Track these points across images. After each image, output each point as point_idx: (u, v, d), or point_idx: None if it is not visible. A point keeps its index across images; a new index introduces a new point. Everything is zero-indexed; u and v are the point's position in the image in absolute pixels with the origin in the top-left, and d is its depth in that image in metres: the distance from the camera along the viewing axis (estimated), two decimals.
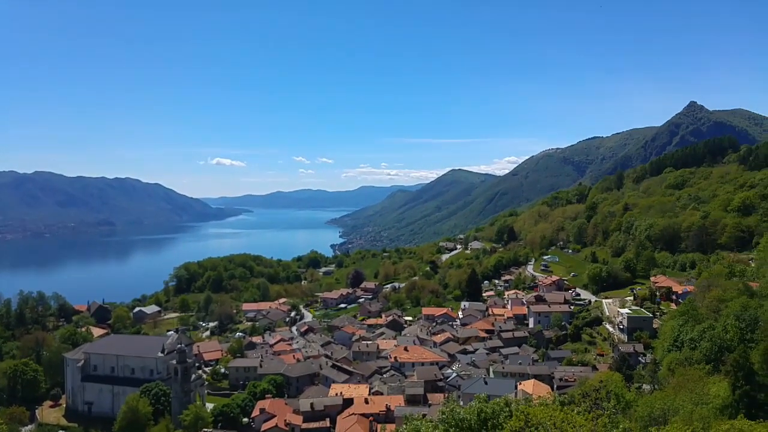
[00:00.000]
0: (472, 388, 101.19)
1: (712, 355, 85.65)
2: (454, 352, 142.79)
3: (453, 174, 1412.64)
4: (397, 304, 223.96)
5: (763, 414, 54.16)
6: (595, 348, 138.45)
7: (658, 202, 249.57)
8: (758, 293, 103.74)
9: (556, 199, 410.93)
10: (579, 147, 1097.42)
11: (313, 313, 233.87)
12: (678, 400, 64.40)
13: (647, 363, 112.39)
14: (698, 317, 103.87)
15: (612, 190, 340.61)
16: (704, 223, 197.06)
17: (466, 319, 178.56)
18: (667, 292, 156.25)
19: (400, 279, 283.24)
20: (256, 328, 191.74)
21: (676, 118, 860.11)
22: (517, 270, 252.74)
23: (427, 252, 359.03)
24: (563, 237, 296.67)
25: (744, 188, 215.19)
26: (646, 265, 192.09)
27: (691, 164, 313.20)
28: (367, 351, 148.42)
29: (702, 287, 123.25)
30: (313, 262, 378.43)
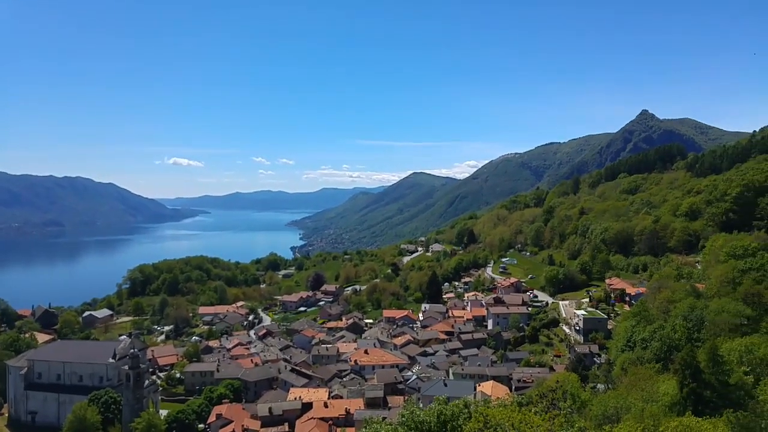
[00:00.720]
0: (431, 390, 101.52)
1: (661, 354, 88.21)
2: (415, 355, 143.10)
3: (415, 177, 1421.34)
4: (358, 306, 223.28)
5: (709, 411, 55.88)
6: (552, 349, 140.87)
7: (612, 206, 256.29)
8: (704, 294, 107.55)
9: (515, 203, 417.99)
10: (537, 152, 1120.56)
11: (272, 316, 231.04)
12: (630, 398, 65.93)
13: (602, 363, 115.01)
14: (649, 318, 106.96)
15: (568, 195, 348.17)
16: (655, 227, 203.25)
17: (426, 321, 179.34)
18: (621, 294, 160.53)
19: (362, 281, 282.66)
20: (213, 332, 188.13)
21: (630, 126, 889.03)
22: (476, 272, 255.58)
23: (389, 254, 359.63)
24: (521, 240, 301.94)
25: (691, 194, 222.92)
26: (601, 268, 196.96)
27: (644, 170, 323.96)
28: (327, 354, 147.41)
29: (653, 289, 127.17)
30: (272, 264, 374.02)
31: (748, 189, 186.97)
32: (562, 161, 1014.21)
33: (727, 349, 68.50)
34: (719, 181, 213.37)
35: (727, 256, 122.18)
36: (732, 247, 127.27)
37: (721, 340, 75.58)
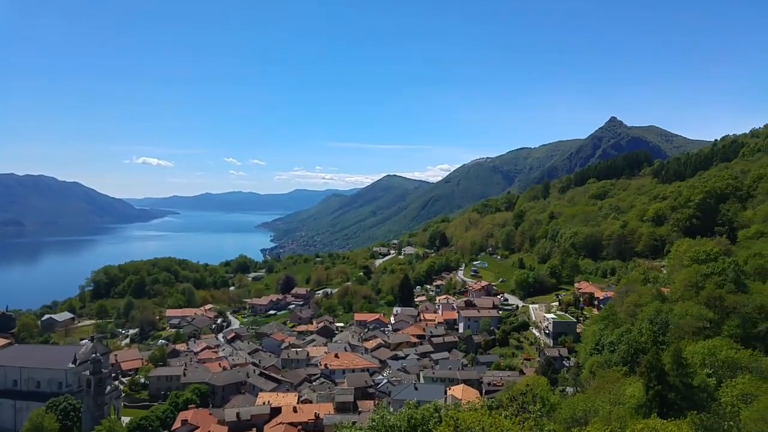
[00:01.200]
0: (402, 394, 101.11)
1: (628, 357, 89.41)
2: (386, 358, 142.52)
3: (388, 180, 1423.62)
4: (329, 310, 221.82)
5: (674, 412, 56.69)
6: (522, 352, 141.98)
7: (581, 211, 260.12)
8: (669, 298, 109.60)
9: (486, 207, 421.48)
10: (508, 157, 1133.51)
11: (241, 319, 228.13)
12: (598, 401, 66.61)
13: (571, 366, 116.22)
14: (617, 321, 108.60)
15: (539, 199, 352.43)
16: (623, 232, 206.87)
17: (398, 325, 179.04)
18: (590, 298, 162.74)
19: (333, 284, 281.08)
20: (180, 335, 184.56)
21: (599, 132, 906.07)
22: (448, 275, 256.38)
23: (361, 257, 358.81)
24: (492, 243, 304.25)
25: (657, 200, 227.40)
26: (571, 272, 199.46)
27: (612, 176, 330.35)
28: (297, 358, 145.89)
29: (621, 293, 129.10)
30: (242, 266, 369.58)
31: (710, 196, 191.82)
32: (533, 166, 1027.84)
33: (690, 352, 69.72)
34: (683, 187, 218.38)
35: (691, 261, 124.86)
36: (695, 252, 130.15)
37: (685, 343, 76.95)
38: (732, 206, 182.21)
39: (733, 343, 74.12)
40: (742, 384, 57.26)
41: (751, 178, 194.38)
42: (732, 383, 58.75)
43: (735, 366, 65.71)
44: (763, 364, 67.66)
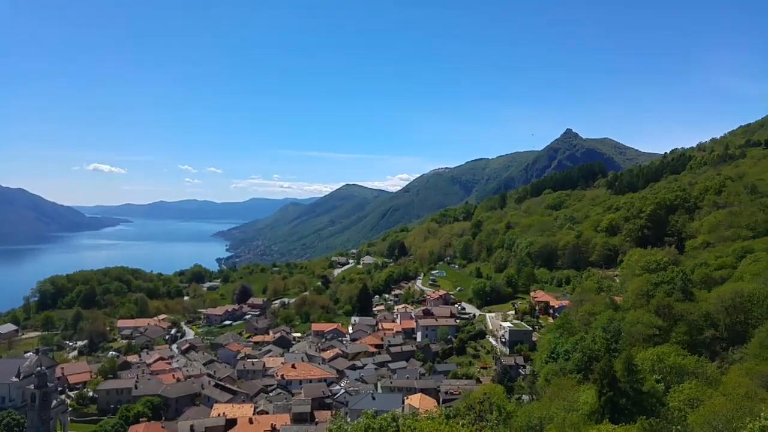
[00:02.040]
0: (360, 404, 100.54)
1: (582, 365, 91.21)
2: (343, 368, 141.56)
3: (347, 189, 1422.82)
4: (286, 320, 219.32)
5: (624, 418, 58.02)
6: (479, 361, 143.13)
7: (537, 221, 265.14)
8: (621, 306, 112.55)
9: (445, 217, 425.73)
10: (466, 167, 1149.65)
11: (196, 330, 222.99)
12: (553, 408, 67.57)
13: (527, 375, 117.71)
14: (572, 330, 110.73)
15: (496, 209, 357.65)
16: (578, 241, 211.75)
17: (356, 334, 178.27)
18: (545, 307, 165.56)
19: (290, 294, 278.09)
20: (132, 347, 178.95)
21: (555, 144, 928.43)
22: (407, 284, 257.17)
23: (319, 267, 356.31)
24: (451, 253, 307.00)
25: (611, 210, 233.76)
26: (527, 281, 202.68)
27: (567, 187, 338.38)
28: (253, 369, 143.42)
29: (575, 302, 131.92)
30: (196, 276, 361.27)
31: (661, 207, 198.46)
32: (490, 177, 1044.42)
33: (641, 359, 71.56)
34: (636, 198, 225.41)
35: (642, 271, 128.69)
36: (646, 261, 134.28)
37: (636, 350, 78.98)
38: (680, 217, 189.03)
39: (680, 349, 76.47)
40: (688, 389, 59.03)
41: (697, 190, 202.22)
42: (679, 388, 60.49)
43: (682, 372, 67.75)
44: (709, 369, 70.02)
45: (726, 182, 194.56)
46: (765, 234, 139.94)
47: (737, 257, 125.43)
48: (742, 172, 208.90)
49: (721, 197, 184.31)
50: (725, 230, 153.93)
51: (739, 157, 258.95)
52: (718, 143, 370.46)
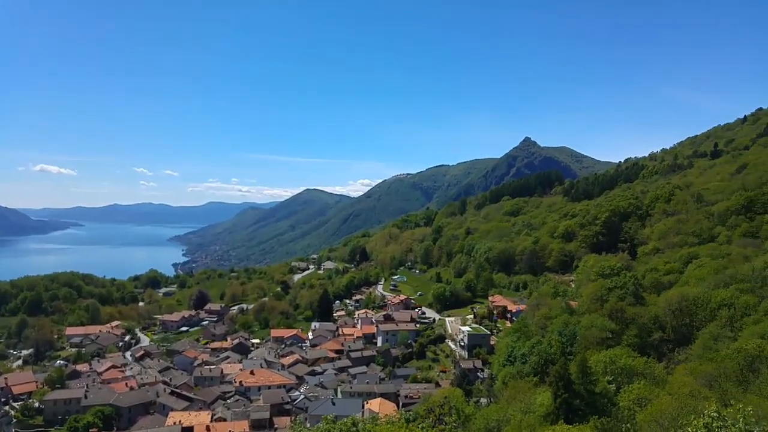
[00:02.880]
0: (319, 410, 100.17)
1: (539, 367, 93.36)
2: (303, 374, 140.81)
3: (308, 193, 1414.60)
4: (245, 326, 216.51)
5: (578, 418, 59.73)
6: (439, 365, 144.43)
7: (496, 227, 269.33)
8: (577, 311, 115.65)
9: (406, 222, 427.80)
10: (428, 173, 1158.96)
11: (151, 337, 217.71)
12: (510, 410, 69.00)
13: (485, 378, 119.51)
14: (529, 334, 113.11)
15: (456, 215, 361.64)
16: (535, 247, 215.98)
17: (316, 340, 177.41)
18: (503, 311, 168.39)
19: (249, 300, 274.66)
20: (82, 355, 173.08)
21: (514, 152, 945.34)
22: (368, 290, 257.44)
23: (279, 272, 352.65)
24: (412, 258, 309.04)
25: (567, 217, 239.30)
26: (485, 286, 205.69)
27: (525, 194, 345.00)
28: (210, 376, 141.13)
29: (532, 306, 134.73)
30: (152, 281, 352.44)
31: (615, 214, 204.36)
32: (451, 183, 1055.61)
33: (594, 361, 73.78)
34: (591, 206, 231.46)
35: (597, 276, 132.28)
36: (601, 267, 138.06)
37: (590, 352, 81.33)
38: (633, 224, 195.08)
39: (631, 351, 79.23)
40: (638, 389, 61.27)
41: (649, 198, 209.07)
42: (629, 389, 62.69)
43: (632, 373, 70.23)
44: (656, 370, 72.76)
45: (675, 191, 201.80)
46: (709, 240, 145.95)
47: (684, 263, 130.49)
48: (689, 182, 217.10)
49: (671, 205, 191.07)
50: (674, 237, 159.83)
51: (687, 167, 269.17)
52: (669, 153, 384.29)
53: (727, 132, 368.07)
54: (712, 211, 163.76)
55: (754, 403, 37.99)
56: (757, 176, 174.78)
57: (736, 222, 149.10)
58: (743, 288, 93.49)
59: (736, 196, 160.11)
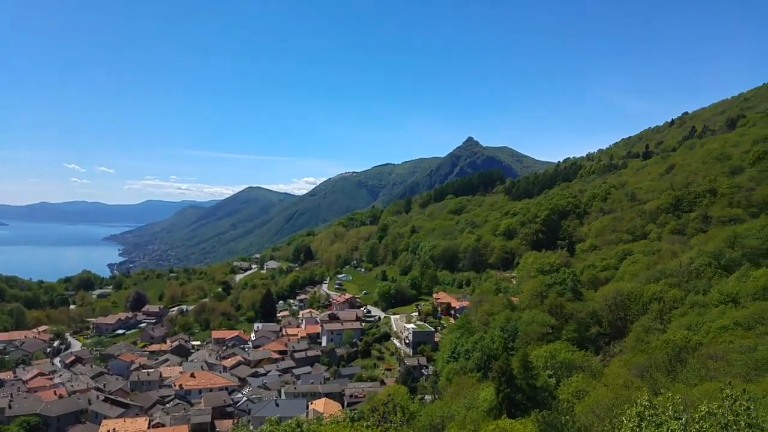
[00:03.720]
0: (263, 412, 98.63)
1: (482, 363, 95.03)
2: (246, 376, 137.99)
3: (250, 191, 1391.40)
4: (185, 328, 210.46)
5: (520, 412, 60.97)
6: (384, 363, 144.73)
7: (440, 225, 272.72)
8: (518, 307, 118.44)
9: (352, 221, 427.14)
10: (373, 172, 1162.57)
11: (84, 341, 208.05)
12: (454, 406, 69.69)
13: (429, 375, 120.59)
14: (472, 330, 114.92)
15: (401, 214, 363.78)
16: (478, 245, 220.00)
17: (259, 341, 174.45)
18: (447, 308, 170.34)
19: (189, 301, 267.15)
20: (4, 362, 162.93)
21: (457, 151, 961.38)
22: (312, 289, 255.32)
23: (220, 272, 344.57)
24: (357, 256, 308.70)
25: (508, 216, 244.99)
26: (430, 283, 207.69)
27: (468, 193, 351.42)
28: (148, 380, 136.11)
29: (475, 302, 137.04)
30: (85, 283, 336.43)
31: (554, 212, 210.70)
32: (396, 182, 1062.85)
33: (535, 356, 75.57)
34: (531, 204, 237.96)
35: (537, 272, 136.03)
36: (541, 264, 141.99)
37: (531, 347, 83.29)
38: (571, 222, 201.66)
39: (570, 345, 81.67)
40: (576, 382, 63.17)
41: (586, 197, 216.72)
42: (568, 382, 64.56)
43: (571, 366, 72.39)
44: (593, 363, 75.25)
45: (610, 190, 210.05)
46: (642, 237, 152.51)
47: (619, 259, 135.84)
48: (624, 181, 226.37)
49: (607, 204, 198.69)
50: (609, 234, 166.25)
51: (621, 168, 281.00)
52: (605, 154, 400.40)
53: (657, 134, 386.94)
54: (644, 210, 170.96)
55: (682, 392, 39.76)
56: (683, 177, 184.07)
57: (666, 220, 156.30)
58: (671, 282, 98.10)
59: (665, 196, 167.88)
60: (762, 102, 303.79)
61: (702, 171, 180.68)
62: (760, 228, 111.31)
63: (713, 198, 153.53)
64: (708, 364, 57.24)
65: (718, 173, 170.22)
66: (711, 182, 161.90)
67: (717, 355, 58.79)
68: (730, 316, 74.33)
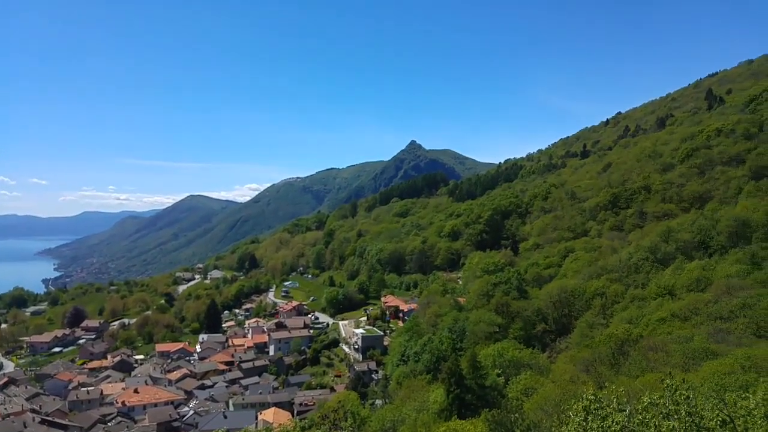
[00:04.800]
0: (210, 424, 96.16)
1: (431, 365, 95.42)
2: (192, 389, 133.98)
3: (192, 200, 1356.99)
4: (127, 342, 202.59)
5: (470, 412, 61.44)
6: (333, 369, 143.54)
7: (386, 228, 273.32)
8: (465, 307, 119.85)
9: (297, 227, 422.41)
10: (318, 177, 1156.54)
11: (17, 361, 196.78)
12: (405, 410, 69.58)
13: (380, 379, 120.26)
14: (420, 332, 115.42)
15: (347, 218, 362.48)
16: (424, 247, 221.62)
17: (204, 353, 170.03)
18: (396, 311, 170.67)
19: (131, 314, 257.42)
20: None
21: (401, 155, 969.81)
22: (258, 298, 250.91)
23: (162, 283, 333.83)
24: (304, 263, 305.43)
25: (452, 217, 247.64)
26: (378, 287, 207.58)
27: (413, 195, 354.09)
28: (88, 398, 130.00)
29: (423, 305, 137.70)
30: (17, 300, 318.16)
31: (497, 213, 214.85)
32: (341, 186, 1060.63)
33: (484, 355, 76.53)
34: (474, 205, 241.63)
35: (482, 272, 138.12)
36: (485, 264, 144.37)
37: (479, 347, 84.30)
38: (514, 222, 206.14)
39: (517, 344, 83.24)
40: (524, 380, 64.26)
41: (528, 197, 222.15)
42: (517, 380, 65.60)
43: (519, 364, 73.60)
44: (540, 360, 76.86)
45: (551, 189, 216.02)
46: (583, 235, 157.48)
47: (561, 257, 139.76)
48: (563, 180, 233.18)
49: (547, 203, 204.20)
50: (551, 232, 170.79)
51: (560, 167, 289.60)
52: (544, 154, 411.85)
53: (593, 134, 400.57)
54: (584, 208, 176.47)
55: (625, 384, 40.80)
56: (619, 174, 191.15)
57: (605, 217, 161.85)
58: (612, 278, 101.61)
59: (603, 193, 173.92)
60: (688, 101, 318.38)
61: (636, 168, 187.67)
62: (692, 222, 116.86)
63: (648, 194, 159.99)
64: (649, 356, 59.30)
65: (651, 170, 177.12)
66: (645, 179, 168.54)
67: (657, 347, 60.96)
68: (667, 308, 77.49)
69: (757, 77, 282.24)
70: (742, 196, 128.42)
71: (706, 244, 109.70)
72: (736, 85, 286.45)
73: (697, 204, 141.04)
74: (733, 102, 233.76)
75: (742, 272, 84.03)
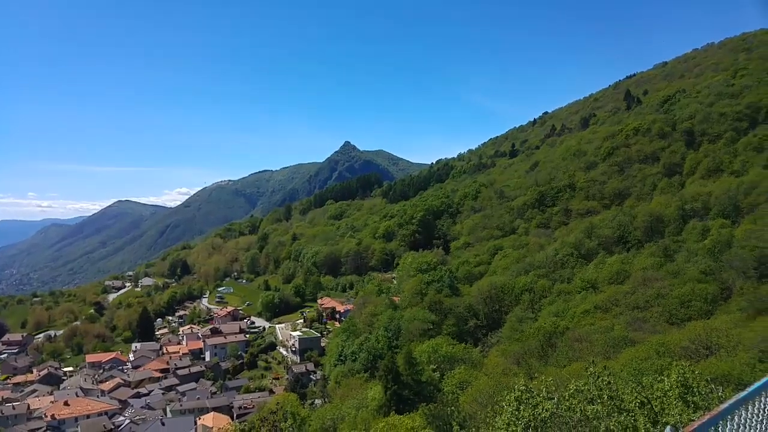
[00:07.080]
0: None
1: (368, 363, 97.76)
2: (127, 398, 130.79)
3: (119, 206, 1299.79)
4: (54, 354, 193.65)
5: (408, 407, 63.96)
6: (271, 372, 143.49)
7: (321, 231, 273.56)
8: (400, 306, 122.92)
9: (230, 231, 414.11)
10: (250, 179, 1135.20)
11: None
12: (344, 408, 71.43)
13: (318, 380, 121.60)
14: (357, 332, 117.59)
15: (282, 221, 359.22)
16: (359, 248, 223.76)
17: (138, 361, 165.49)
18: (332, 312, 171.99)
19: (58, 326, 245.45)
20: None
21: (335, 156, 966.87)
22: (192, 304, 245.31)
23: (91, 292, 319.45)
24: (238, 268, 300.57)
25: (386, 218, 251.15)
26: (314, 289, 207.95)
27: (348, 197, 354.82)
28: (14, 414, 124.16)
29: (359, 305, 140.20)
30: None
31: (429, 213, 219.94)
32: (275, 189, 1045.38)
33: (419, 352, 79.36)
34: (407, 206, 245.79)
35: (415, 271, 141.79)
36: (419, 263, 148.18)
37: (414, 344, 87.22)
38: (446, 221, 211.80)
39: (450, 339, 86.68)
40: (459, 374, 67.33)
41: (458, 197, 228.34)
42: (452, 374, 68.62)
43: (453, 359, 76.88)
44: (474, 354, 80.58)
45: (480, 189, 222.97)
46: (511, 232, 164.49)
47: (491, 254, 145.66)
48: (493, 179, 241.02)
49: (477, 202, 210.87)
50: (481, 231, 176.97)
51: (490, 166, 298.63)
52: (474, 154, 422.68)
53: (521, 133, 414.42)
54: (512, 206, 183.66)
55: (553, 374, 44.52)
56: (546, 173, 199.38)
57: (532, 215, 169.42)
58: (540, 273, 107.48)
59: (530, 192, 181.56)
60: (609, 102, 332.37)
61: (562, 167, 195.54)
62: (612, 218, 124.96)
63: (572, 192, 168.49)
64: (574, 346, 63.78)
65: (576, 168, 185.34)
66: (570, 177, 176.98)
67: (581, 337, 65.59)
68: (590, 301, 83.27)
69: (670, 79, 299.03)
70: (657, 193, 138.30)
71: (624, 238, 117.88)
72: (652, 86, 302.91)
73: (617, 200, 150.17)
74: (649, 102, 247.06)
75: (656, 264, 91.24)
